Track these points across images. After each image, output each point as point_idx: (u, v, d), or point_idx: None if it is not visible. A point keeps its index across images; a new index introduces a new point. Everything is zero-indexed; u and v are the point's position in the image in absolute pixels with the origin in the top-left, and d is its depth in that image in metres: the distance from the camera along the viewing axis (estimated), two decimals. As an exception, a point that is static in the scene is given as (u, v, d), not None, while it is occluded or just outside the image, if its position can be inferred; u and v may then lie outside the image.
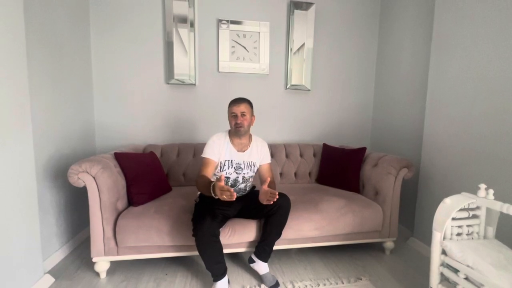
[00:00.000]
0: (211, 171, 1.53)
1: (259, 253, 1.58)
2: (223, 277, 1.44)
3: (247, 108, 1.54)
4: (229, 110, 1.56)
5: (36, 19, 1.58)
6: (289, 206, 1.53)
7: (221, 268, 1.44)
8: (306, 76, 2.51)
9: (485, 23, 1.55)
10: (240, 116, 1.52)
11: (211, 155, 1.53)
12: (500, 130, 1.46)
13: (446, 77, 1.79)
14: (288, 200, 1.52)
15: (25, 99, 1.36)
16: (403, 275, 1.68)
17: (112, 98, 2.30)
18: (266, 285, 1.52)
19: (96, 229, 1.51)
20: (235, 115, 1.52)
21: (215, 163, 1.54)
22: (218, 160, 1.55)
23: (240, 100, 1.55)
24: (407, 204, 2.16)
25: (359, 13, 2.59)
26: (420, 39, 2.09)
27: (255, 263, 1.59)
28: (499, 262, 1.04)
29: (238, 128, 1.52)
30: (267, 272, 1.57)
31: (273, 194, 1.32)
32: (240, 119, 1.51)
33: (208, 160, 1.52)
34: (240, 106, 1.53)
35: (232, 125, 1.54)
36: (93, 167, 1.47)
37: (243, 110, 1.52)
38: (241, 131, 1.53)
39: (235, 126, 1.53)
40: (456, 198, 1.22)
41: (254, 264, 1.60)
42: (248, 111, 1.54)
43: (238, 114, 1.52)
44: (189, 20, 2.28)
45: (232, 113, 1.53)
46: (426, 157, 1.96)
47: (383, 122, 2.56)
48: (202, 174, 1.49)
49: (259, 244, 1.58)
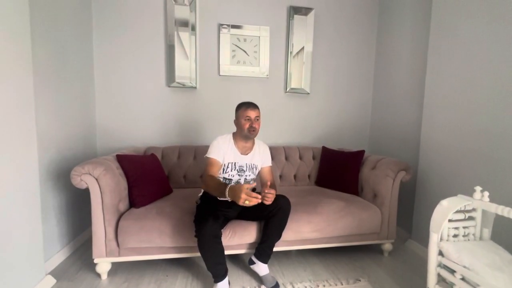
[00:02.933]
0: (217, 171, 1.54)
1: (259, 254, 1.59)
2: (224, 278, 1.45)
3: (259, 114, 1.58)
4: (242, 113, 1.56)
5: (41, 24, 1.60)
6: (289, 208, 1.54)
7: (222, 269, 1.45)
8: (305, 80, 2.54)
9: (481, 28, 1.59)
10: (254, 120, 1.54)
11: (217, 155, 1.54)
12: (496, 134, 1.50)
13: (442, 82, 1.83)
14: (288, 202, 1.54)
15: (30, 102, 1.38)
16: (401, 276, 1.70)
17: (113, 101, 2.33)
18: (266, 286, 1.54)
19: (98, 230, 1.53)
20: (250, 118, 1.54)
21: (220, 164, 1.56)
22: (222, 161, 1.56)
23: (254, 105, 1.58)
24: (405, 207, 2.19)
25: (357, 18, 2.63)
26: (418, 43, 2.13)
27: (255, 265, 1.61)
28: (495, 263, 1.07)
29: (251, 132, 1.54)
30: (267, 274, 1.58)
31: (268, 192, 1.36)
32: (254, 123, 1.54)
33: (213, 160, 1.53)
34: (255, 110, 1.56)
35: (246, 128, 1.54)
36: (96, 169, 1.48)
37: (257, 115, 1.56)
38: (253, 135, 1.56)
39: (248, 130, 1.54)
40: (453, 200, 1.24)
41: (254, 265, 1.61)
42: (260, 116, 1.59)
43: (252, 118, 1.54)
44: (191, 24, 2.32)
45: (247, 116, 1.54)
46: (423, 160, 1.99)
47: (381, 126, 2.59)
48: (210, 174, 1.49)
49: (260, 245, 1.59)
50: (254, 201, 1.24)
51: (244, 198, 1.24)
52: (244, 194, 1.24)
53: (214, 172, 1.52)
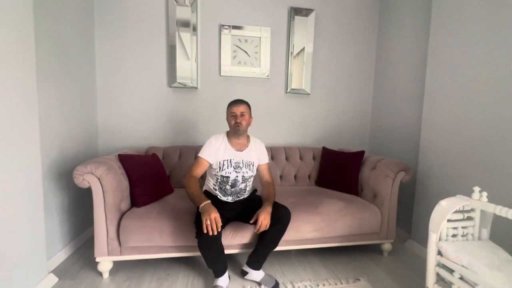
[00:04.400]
0: (201, 172, 1.57)
1: (251, 262, 1.59)
2: (224, 274, 1.50)
3: (246, 109, 1.59)
4: (228, 111, 1.60)
5: (45, 25, 1.62)
6: (289, 219, 1.54)
7: (222, 266, 1.48)
8: (306, 80, 2.55)
9: (481, 29, 1.60)
10: (239, 115, 1.56)
11: (206, 156, 1.56)
12: (494, 135, 1.51)
13: (442, 83, 1.84)
14: (289, 214, 1.54)
15: (33, 102, 1.39)
16: (400, 276, 1.71)
17: (115, 101, 2.34)
18: (268, 287, 1.55)
19: (100, 229, 1.54)
20: (235, 115, 1.56)
21: (207, 165, 1.58)
22: (212, 162, 1.57)
23: (239, 101, 1.60)
24: (404, 207, 2.20)
25: (357, 19, 2.64)
26: (418, 44, 2.15)
27: (249, 274, 1.60)
28: (493, 263, 1.08)
29: (237, 127, 1.55)
30: (264, 276, 1.58)
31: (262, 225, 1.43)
32: (239, 119, 1.55)
33: (201, 160, 1.56)
34: (239, 106, 1.57)
35: (232, 124, 1.57)
36: (98, 169, 1.50)
37: (242, 110, 1.57)
38: (240, 130, 1.56)
39: (234, 125, 1.56)
40: (452, 201, 1.25)
41: (248, 275, 1.60)
42: (247, 111, 1.59)
43: (237, 114, 1.56)
44: (192, 25, 2.33)
45: (232, 113, 1.57)
46: (423, 161, 2.00)
47: (381, 126, 2.60)
48: (193, 175, 1.53)
49: (253, 253, 1.59)
50: (209, 227, 1.30)
51: (208, 219, 1.30)
52: (212, 216, 1.31)
53: (198, 173, 1.55)
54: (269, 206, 1.50)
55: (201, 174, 1.58)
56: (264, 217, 1.43)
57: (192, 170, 1.55)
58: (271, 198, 1.58)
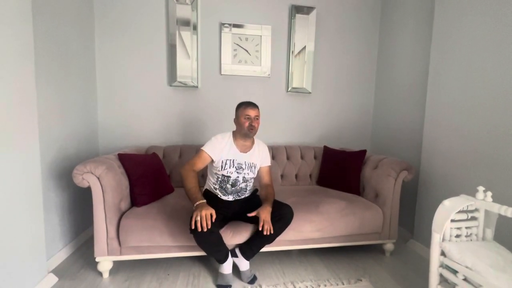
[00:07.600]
0: (202, 166, 1.57)
1: (244, 250, 1.58)
2: (227, 259, 1.53)
3: (259, 113, 1.60)
4: (241, 112, 1.58)
5: (44, 24, 1.61)
6: (291, 219, 1.54)
7: (222, 253, 1.50)
8: (307, 79, 2.54)
9: (484, 28, 1.58)
10: (254, 119, 1.56)
11: (209, 151, 1.55)
12: (498, 134, 1.49)
13: (445, 81, 1.82)
14: (292, 212, 1.54)
15: (32, 101, 1.38)
16: (402, 276, 1.69)
17: (115, 100, 2.33)
18: (243, 280, 1.57)
19: (99, 229, 1.53)
20: (250, 117, 1.56)
21: (209, 160, 1.57)
22: (215, 159, 1.56)
23: (254, 104, 1.60)
24: (407, 206, 2.18)
25: (359, 17, 2.62)
26: (420, 43, 2.12)
27: (238, 258, 1.59)
28: (497, 264, 1.06)
29: (251, 130, 1.56)
30: (247, 270, 1.59)
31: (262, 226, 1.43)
32: (254, 122, 1.56)
33: (204, 155, 1.55)
34: (255, 109, 1.58)
35: (245, 126, 1.55)
36: (98, 168, 1.49)
37: (256, 114, 1.58)
38: (252, 133, 1.57)
39: (248, 128, 1.55)
40: (455, 200, 1.23)
41: (236, 259, 1.60)
42: (259, 115, 1.61)
43: (252, 117, 1.56)
44: (192, 23, 2.31)
45: (247, 115, 1.56)
46: (425, 160, 1.98)
47: (383, 125, 2.58)
48: (194, 169, 1.52)
49: (248, 241, 1.58)
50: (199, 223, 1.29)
51: (198, 215, 1.29)
52: (203, 212, 1.30)
53: (198, 167, 1.55)
54: (269, 206, 1.50)
55: (201, 168, 1.57)
56: (265, 216, 1.43)
57: (193, 163, 1.54)
58: (270, 198, 1.58)
